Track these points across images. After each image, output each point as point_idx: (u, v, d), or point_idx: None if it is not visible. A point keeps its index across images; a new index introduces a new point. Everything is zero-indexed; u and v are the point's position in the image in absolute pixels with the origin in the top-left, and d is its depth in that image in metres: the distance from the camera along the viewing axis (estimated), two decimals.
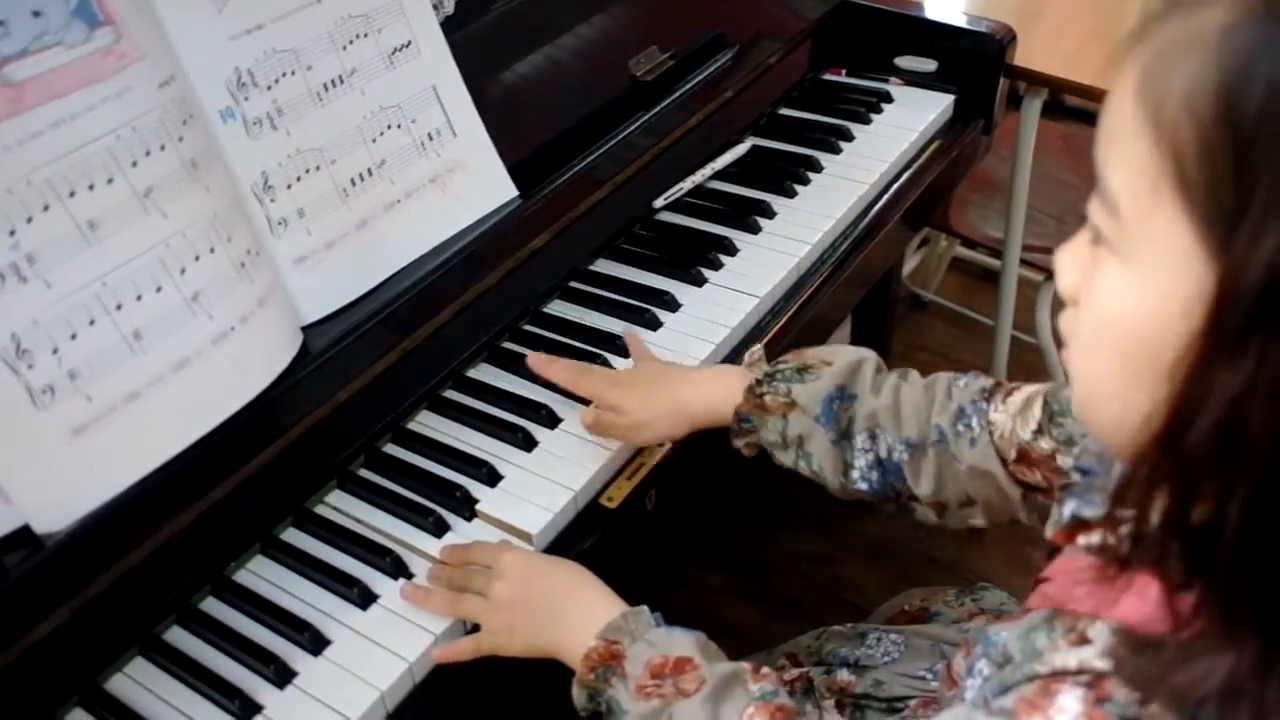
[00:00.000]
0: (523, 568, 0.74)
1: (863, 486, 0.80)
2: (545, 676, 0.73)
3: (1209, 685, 0.41)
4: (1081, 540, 0.54)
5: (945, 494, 0.78)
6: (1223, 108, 0.39)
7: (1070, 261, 0.49)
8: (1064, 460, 0.73)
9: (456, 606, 0.74)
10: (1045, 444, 0.74)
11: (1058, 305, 0.51)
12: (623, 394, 0.85)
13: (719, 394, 0.84)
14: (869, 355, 0.82)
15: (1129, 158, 0.42)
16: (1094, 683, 0.44)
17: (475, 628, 0.74)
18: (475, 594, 0.73)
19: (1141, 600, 0.45)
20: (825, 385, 0.80)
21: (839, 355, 0.82)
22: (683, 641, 0.67)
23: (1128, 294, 0.44)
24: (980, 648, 0.54)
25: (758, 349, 0.87)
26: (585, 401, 0.88)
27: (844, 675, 0.84)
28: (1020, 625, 0.50)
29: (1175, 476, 0.42)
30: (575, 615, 0.70)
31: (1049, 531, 0.71)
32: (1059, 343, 0.53)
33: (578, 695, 0.70)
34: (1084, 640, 0.46)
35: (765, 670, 0.66)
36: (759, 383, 0.82)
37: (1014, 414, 0.75)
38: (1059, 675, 0.46)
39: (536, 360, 0.89)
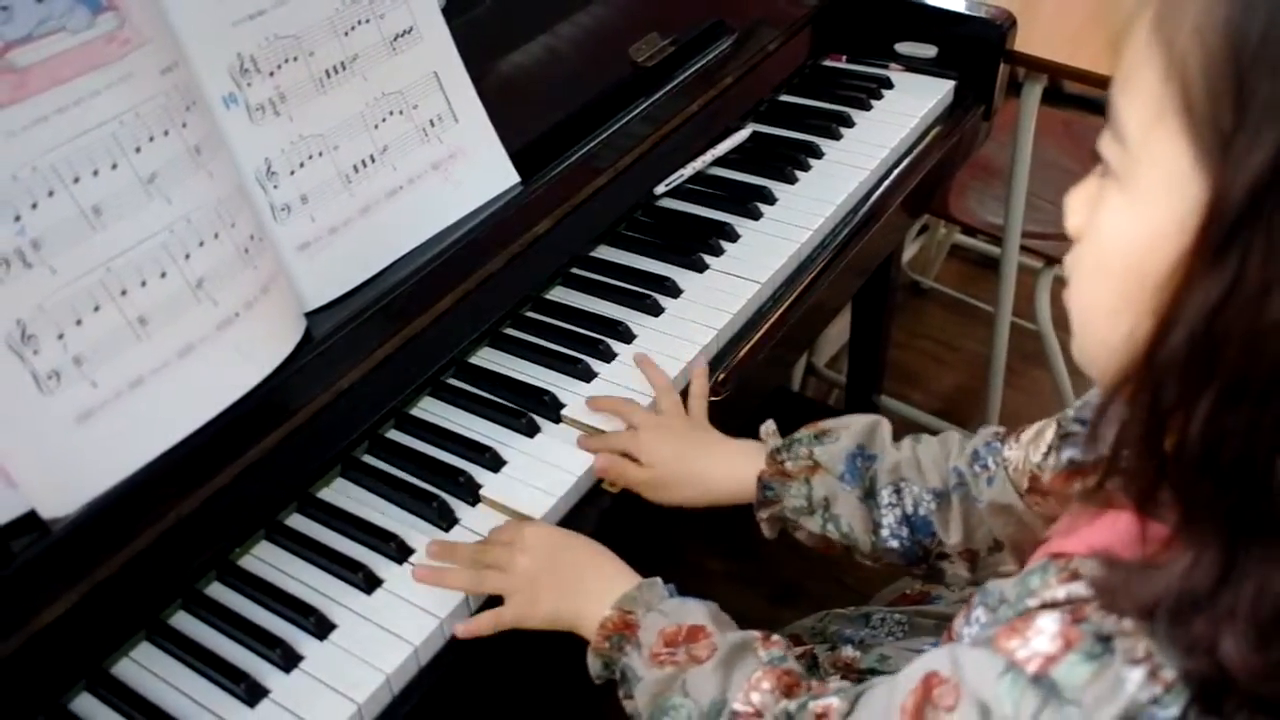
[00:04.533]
0: (546, 541, 0.76)
1: (893, 544, 0.80)
2: (548, 660, 0.74)
3: (1167, 592, 0.42)
4: (1078, 486, 0.55)
5: (974, 540, 0.79)
6: (1228, 36, 0.40)
7: (1079, 201, 0.50)
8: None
9: (480, 582, 0.74)
10: (1054, 462, 0.74)
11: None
12: (644, 444, 0.84)
13: (740, 467, 0.84)
14: (883, 420, 0.84)
15: (1139, 88, 0.44)
16: (1075, 609, 0.45)
17: (483, 606, 0.75)
18: (494, 569, 0.74)
19: (1112, 527, 0.47)
20: (846, 444, 0.81)
21: (854, 420, 0.83)
22: (695, 611, 0.69)
23: (1126, 219, 0.45)
24: (978, 598, 0.56)
25: (770, 424, 0.86)
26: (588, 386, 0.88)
27: (849, 652, 0.85)
28: (1020, 575, 0.52)
29: (1152, 385, 0.43)
30: (596, 585, 0.72)
31: (1046, 476, 0.72)
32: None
33: (593, 663, 0.71)
34: (1075, 577, 0.47)
35: (775, 638, 0.68)
36: (778, 450, 0.83)
37: (1026, 444, 0.76)
38: (1046, 607, 0.47)
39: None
